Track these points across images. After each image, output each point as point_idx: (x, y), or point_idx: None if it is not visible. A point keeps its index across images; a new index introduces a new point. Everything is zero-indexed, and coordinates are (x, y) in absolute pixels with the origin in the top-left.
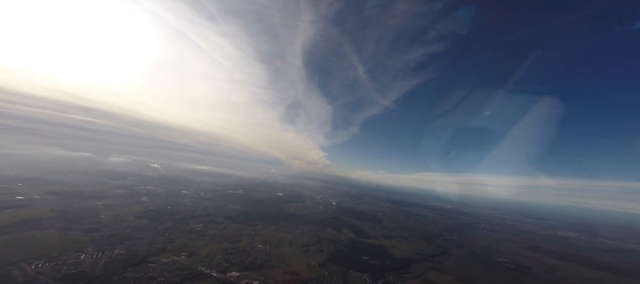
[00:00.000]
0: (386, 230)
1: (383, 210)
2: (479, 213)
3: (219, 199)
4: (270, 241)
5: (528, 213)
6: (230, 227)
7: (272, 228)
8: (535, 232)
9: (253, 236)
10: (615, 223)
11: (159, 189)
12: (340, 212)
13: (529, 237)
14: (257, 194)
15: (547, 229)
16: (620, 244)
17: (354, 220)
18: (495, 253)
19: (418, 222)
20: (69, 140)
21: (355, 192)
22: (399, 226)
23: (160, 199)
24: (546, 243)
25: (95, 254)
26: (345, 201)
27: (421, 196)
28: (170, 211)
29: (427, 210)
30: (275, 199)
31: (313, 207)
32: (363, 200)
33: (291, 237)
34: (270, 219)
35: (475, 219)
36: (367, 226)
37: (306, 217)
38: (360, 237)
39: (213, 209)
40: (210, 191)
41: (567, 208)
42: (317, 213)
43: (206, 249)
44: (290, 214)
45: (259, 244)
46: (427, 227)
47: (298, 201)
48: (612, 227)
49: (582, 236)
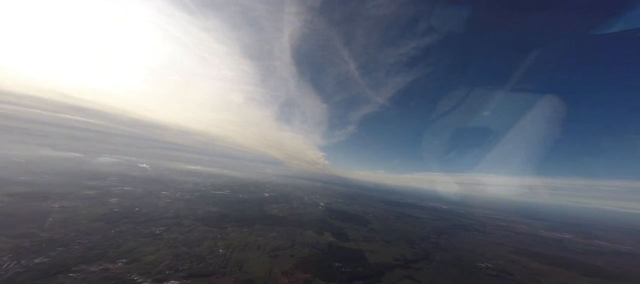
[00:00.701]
0: (371, 233)
1: (374, 211)
2: (475, 213)
3: (198, 200)
4: (236, 245)
5: (526, 213)
6: (197, 230)
7: (245, 231)
8: (529, 233)
9: (218, 240)
10: (615, 223)
11: (136, 190)
12: (326, 213)
13: (520, 239)
14: (242, 195)
15: (542, 231)
16: (617, 246)
17: (339, 222)
18: (480, 257)
19: (407, 224)
20: (61, 140)
21: (350, 193)
22: (385, 229)
23: (132, 200)
24: (537, 246)
25: (7, 264)
26: (336, 201)
27: (418, 196)
28: (136, 213)
29: (421, 211)
30: (260, 200)
31: (299, 209)
32: (356, 201)
33: (262, 240)
34: (245, 222)
35: (469, 220)
36: (351, 228)
37: (287, 219)
38: (340, 240)
39: (186, 211)
40: (193, 192)
41: (568, 208)
42: (300, 215)
43: (154, 255)
44: (270, 216)
45: (221, 249)
46: (415, 229)
47: (284, 202)
48: (611, 227)
49: (578, 238)
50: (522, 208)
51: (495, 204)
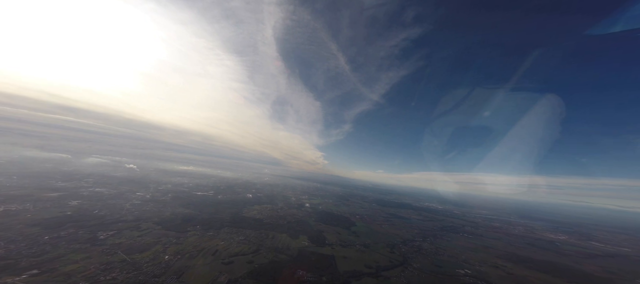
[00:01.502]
0: (351, 236)
1: (362, 213)
2: (470, 214)
3: (172, 201)
4: (188, 251)
5: (525, 213)
6: (151, 234)
7: (208, 235)
8: (522, 235)
9: (171, 245)
10: (616, 222)
11: (108, 191)
12: (310, 215)
13: (512, 242)
14: (223, 196)
15: (537, 232)
16: (613, 248)
17: (321, 224)
18: (461, 263)
19: (395, 226)
20: (53, 141)
21: (344, 193)
22: (369, 231)
23: (95, 202)
24: (528, 249)
25: None
26: (325, 202)
27: (416, 196)
28: (91, 216)
29: (414, 212)
30: (242, 201)
31: (281, 210)
32: (347, 201)
33: (223, 245)
34: (213, 225)
35: (463, 221)
36: (331, 231)
37: (263, 221)
38: (315, 245)
39: (150, 214)
40: (172, 193)
41: (569, 207)
42: (281, 217)
43: (77, 265)
44: (246, 218)
45: (167, 256)
46: (401, 232)
47: (268, 203)
48: (611, 227)
49: (573, 239)
50: (522, 208)
51: (495, 204)
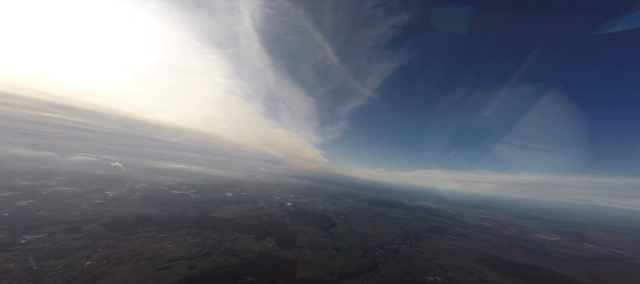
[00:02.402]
0: (326, 238)
1: (349, 212)
2: (464, 213)
3: (140, 201)
4: (121, 256)
5: (522, 212)
6: (88, 237)
7: (159, 237)
8: (511, 236)
9: (102, 249)
10: (617, 222)
11: (73, 190)
12: (289, 215)
13: (498, 243)
14: (203, 195)
15: (528, 232)
16: (606, 249)
17: (299, 225)
18: (435, 268)
19: (379, 226)
20: (47, 139)
21: (338, 192)
22: (348, 232)
23: (49, 201)
24: (513, 251)
25: None
26: (314, 201)
27: (411, 195)
28: (31, 218)
29: (405, 211)
30: (218, 200)
31: (259, 210)
32: (337, 200)
33: (170, 248)
34: (171, 226)
35: (453, 220)
36: (306, 232)
37: (233, 222)
38: (280, 247)
39: (104, 214)
40: (144, 192)
41: (571, 206)
42: (255, 217)
43: None
44: (214, 218)
45: (90, 261)
46: (383, 233)
47: (248, 202)
48: (611, 227)
49: (565, 240)
50: (522, 207)
51: (494, 203)
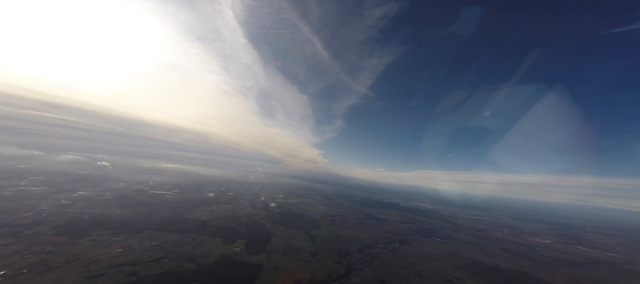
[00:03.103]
0: (305, 241)
1: (336, 213)
2: (458, 214)
3: (113, 201)
4: (51, 262)
5: (519, 213)
6: (26, 242)
7: (112, 240)
8: (502, 238)
9: (33, 254)
10: (619, 223)
11: (41, 190)
12: (271, 216)
13: (485, 246)
14: (183, 195)
15: (521, 234)
16: (601, 253)
17: (278, 227)
18: (411, 275)
19: (364, 228)
20: (39, 138)
21: (333, 192)
22: (329, 235)
23: (11, 203)
24: (499, 256)
25: None
26: (303, 202)
27: (407, 195)
28: None
29: (397, 212)
30: (197, 201)
31: (239, 211)
32: (329, 201)
33: (116, 253)
34: (132, 228)
35: (446, 222)
36: (284, 235)
37: (206, 224)
38: (249, 252)
39: (59, 216)
40: (118, 192)
41: (570, 207)
42: (231, 219)
43: None
44: (185, 220)
45: (6, 270)
46: (367, 236)
47: (229, 203)
48: (611, 229)
49: (559, 243)
50: (521, 208)
51: (492, 204)
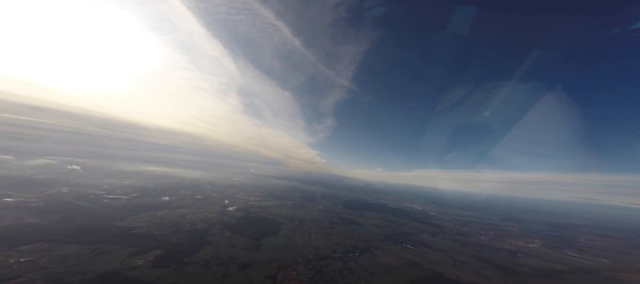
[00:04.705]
0: (244, 251)
1: (310, 217)
2: (447, 214)
3: (33, 208)
4: None
5: (515, 212)
6: None
7: None
8: (482, 243)
9: None
10: (616, 222)
11: None
12: (224, 221)
13: (457, 254)
14: (136, 199)
15: (507, 238)
16: (589, 258)
17: (225, 233)
18: None
19: (331, 235)
20: (13, 142)
21: (319, 193)
22: (284, 244)
23: None
24: (467, 266)
25: None
26: (277, 204)
27: (400, 195)
28: None
29: (379, 215)
30: (146, 206)
31: (187, 216)
32: (309, 202)
33: None
34: (21, 239)
35: (427, 225)
36: (224, 243)
37: (132, 232)
38: (155, 265)
39: None
40: (63, 196)
41: (573, 205)
42: (171, 225)
43: None
44: (110, 227)
45: None
46: (328, 243)
47: (183, 207)
48: (607, 229)
49: (544, 248)
50: (520, 207)
51: (492, 203)
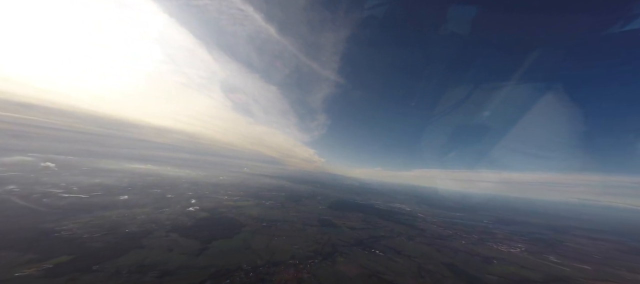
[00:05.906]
0: (181, 256)
1: (285, 218)
2: (434, 216)
3: None
4: None
5: (509, 213)
6: None
7: None
8: (459, 248)
9: None
10: (610, 224)
11: None
12: (176, 223)
13: (429, 261)
14: (96, 199)
15: (488, 242)
16: (570, 265)
17: (172, 235)
18: None
19: (297, 238)
20: (8, 140)
21: (308, 192)
22: (234, 248)
23: None
24: (433, 276)
25: None
26: (251, 204)
27: (392, 196)
28: None
29: (361, 216)
30: (98, 205)
31: (138, 216)
32: (294, 203)
33: None
34: None
35: (408, 227)
36: (163, 246)
37: (58, 235)
38: (50, 275)
39: None
40: (10, 196)
41: (571, 205)
42: (111, 227)
43: None
44: (37, 229)
45: None
46: (290, 248)
47: (140, 206)
48: (599, 231)
49: (526, 253)
50: (516, 207)
51: (489, 204)
